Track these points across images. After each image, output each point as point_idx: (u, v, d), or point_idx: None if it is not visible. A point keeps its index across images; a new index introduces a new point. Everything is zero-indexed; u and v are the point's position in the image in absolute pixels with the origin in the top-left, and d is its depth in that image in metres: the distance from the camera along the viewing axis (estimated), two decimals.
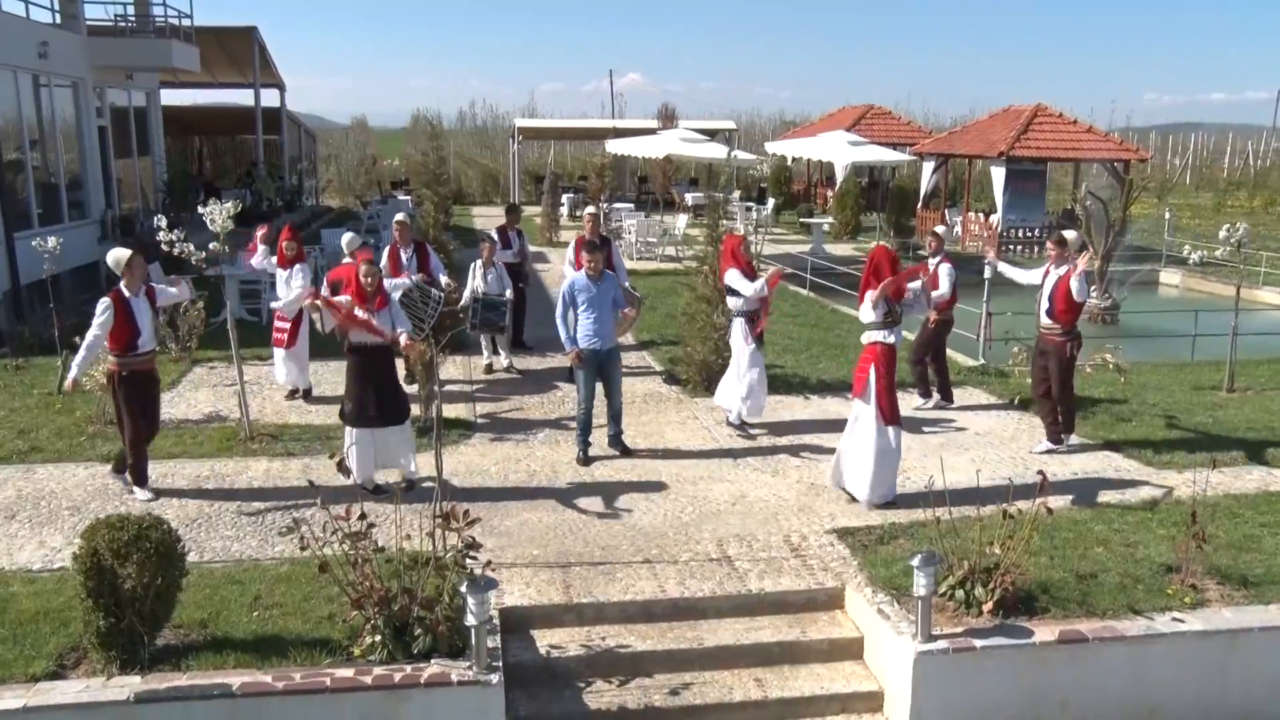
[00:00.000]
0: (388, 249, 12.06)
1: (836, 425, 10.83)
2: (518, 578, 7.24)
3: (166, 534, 5.96)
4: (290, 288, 11.48)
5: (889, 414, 8.53)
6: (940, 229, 11.95)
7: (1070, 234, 10.22)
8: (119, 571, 5.75)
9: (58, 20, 19.98)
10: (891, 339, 8.58)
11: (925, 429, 10.84)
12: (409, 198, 29.84)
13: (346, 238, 11.77)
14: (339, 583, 6.09)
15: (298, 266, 11.46)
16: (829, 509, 8.64)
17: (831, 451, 10.00)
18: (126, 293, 8.53)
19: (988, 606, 6.63)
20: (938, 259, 11.44)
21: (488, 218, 31.93)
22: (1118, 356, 11.02)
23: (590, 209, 13.96)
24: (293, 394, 11.75)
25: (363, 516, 5.98)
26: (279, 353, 11.63)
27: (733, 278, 10.35)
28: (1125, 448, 10.19)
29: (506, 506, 8.60)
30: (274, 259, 11.83)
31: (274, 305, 11.82)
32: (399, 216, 12.28)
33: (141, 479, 8.71)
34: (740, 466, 9.75)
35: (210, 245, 10.21)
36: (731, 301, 10.55)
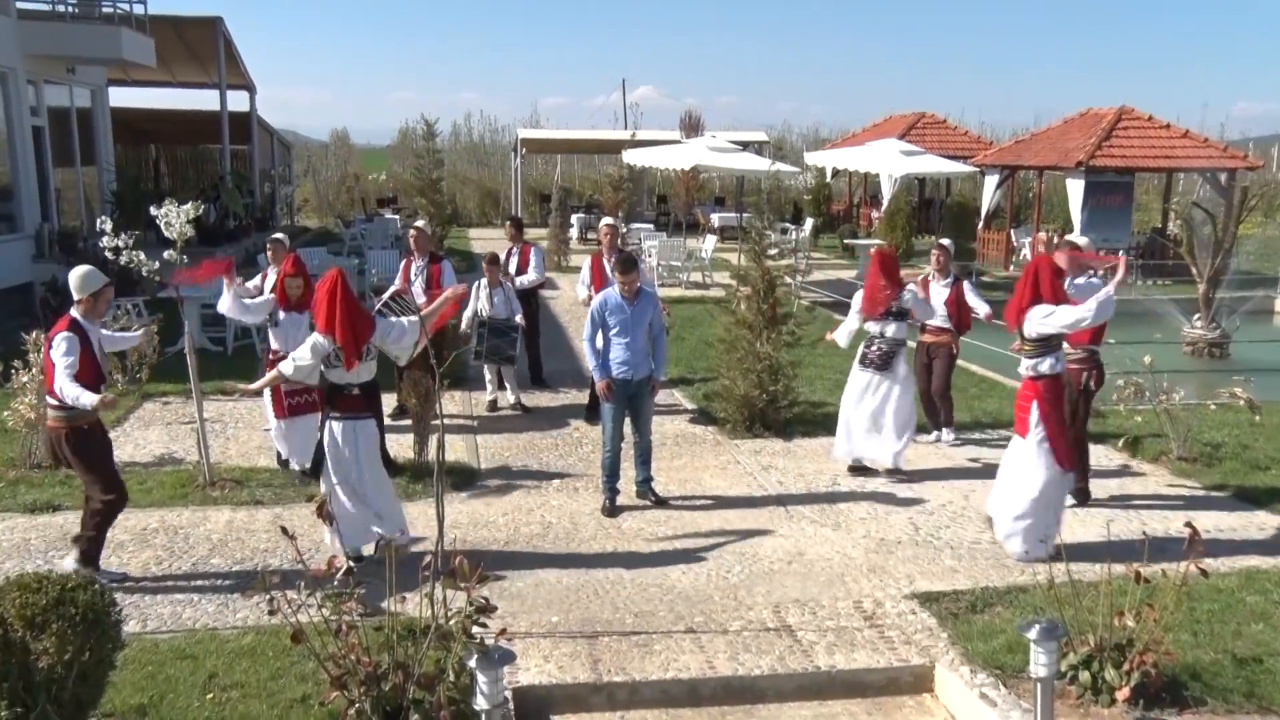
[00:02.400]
0: (403, 263, 12.20)
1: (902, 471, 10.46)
2: (535, 650, 6.83)
3: (97, 596, 5.42)
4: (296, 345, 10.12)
5: (1063, 457, 8.25)
6: (946, 241, 11.58)
7: (1082, 240, 9.89)
8: (32, 646, 5.22)
9: None
10: (1059, 368, 8.38)
11: None
12: (396, 217, 29.85)
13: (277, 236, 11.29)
14: (316, 656, 5.61)
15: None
16: (905, 569, 8.20)
17: (901, 501, 9.72)
18: (84, 323, 7.76)
19: (1123, 694, 6.07)
20: (947, 280, 11.15)
21: (486, 240, 31.89)
22: (1249, 390, 10.47)
23: (608, 220, 13.67)
24: (286, 463, 10.38)
25: (349, 572, 5.50)
26: (284, 424, 10.06)
27: (915, 301, 10.29)
28: (1267, 500, 9.69)
29: (518, 564, 8.20)
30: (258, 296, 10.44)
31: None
32: (418, 223, 12.32)
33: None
34: (794, 518, 9.32)
35: (165, 254, 9.83)
36: (891, 328, 10.20)
